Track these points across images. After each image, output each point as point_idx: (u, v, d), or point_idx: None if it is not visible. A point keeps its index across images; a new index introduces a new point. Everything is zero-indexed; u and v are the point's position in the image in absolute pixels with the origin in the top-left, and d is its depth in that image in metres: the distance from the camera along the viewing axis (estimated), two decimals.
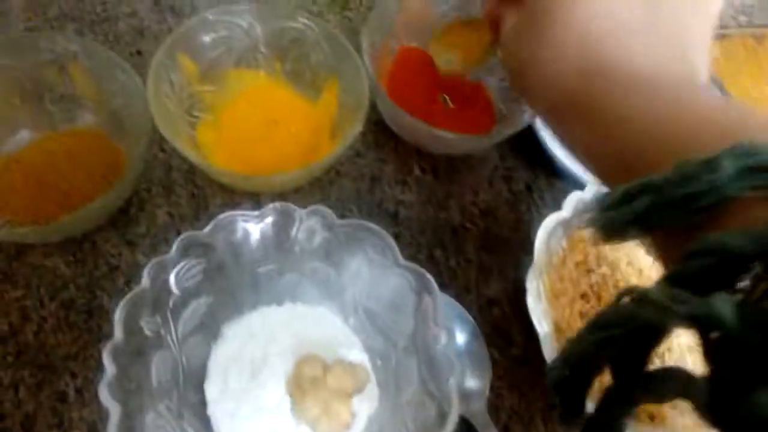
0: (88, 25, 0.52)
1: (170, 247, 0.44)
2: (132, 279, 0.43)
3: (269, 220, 0.38)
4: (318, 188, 0.49)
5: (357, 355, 0.41)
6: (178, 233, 0.45)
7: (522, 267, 0.47)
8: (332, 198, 0.49)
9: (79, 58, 0.41)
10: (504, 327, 0.45)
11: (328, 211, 0.39)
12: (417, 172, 0.51)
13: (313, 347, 0.40)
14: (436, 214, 0.49)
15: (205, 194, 0.47)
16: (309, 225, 0.39)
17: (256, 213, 0.38)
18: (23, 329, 0.40)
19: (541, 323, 0.38)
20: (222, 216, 0.37)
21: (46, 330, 0.40)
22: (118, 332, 0.33)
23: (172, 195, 0.46)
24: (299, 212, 0.39)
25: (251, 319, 0.41)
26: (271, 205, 0.38)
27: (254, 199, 0.47)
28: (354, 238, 0.39)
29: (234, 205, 0.47)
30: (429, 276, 0.37)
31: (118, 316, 0.33)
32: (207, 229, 0.36)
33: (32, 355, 0.39)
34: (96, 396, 0.39)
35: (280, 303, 0.42)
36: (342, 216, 0.48)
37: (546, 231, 0.41)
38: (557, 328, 0.40)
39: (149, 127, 0.39)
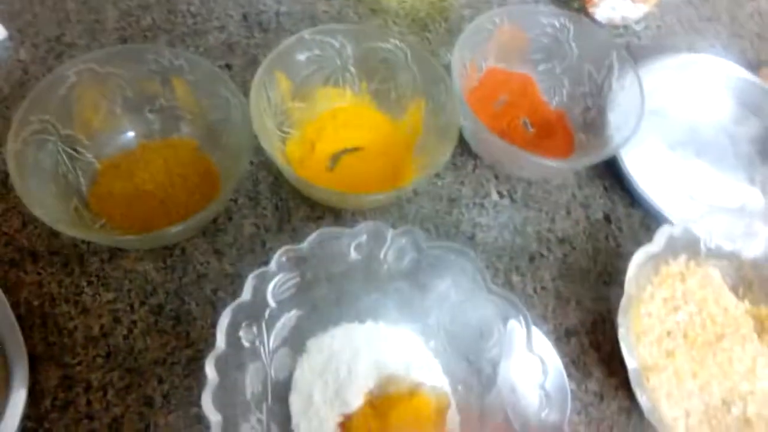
0: (179, 37, 0.54)
1: (256, 257, 0.45)
2: (219, 288, 0.43)
3: (363, 238, 0.39)
4: (396, 206, 0.49)
5: (437, 378, 0.41)
6: (263, 244, 0.46)
7: (601, 299, 0.47)
8: (410, 217, 0.49)
9: (184, 72, 0.43)
10: (582, 360, 0.45)
11: (419, 233, 0.39)
12: (494, 196, 0.51)
13: (394, 367, 0.40)
14: (513, 239, 0.49)
15: (288, 207, 0.47)
16: (399, 245, 0.40)
17: (350, 230, 0.38)
18: (113, 332, 0.41)
19: (631, 360, 0.38)
20: (320, 232, 0.37)
21: (135, 334, 0.41)
22: (221, 341, 0.33)
23: (258, 207, 0.47)
24: (391, 232, 0.39)
25: (335, 335, 0.41)
26: (364, 224, 0.39)
27: (335, 214, 0.48)
28: (443, 261, 0.39)
29: (316, 219, 0.47)
30: (520, 304, 0.37)
31: (221, 325, 0.34)
32: (305, 244, 0.37)
33: (121, 358, 0.40)
34: (182, 402, 0.40)
35: (362, 320, 0.42)
36: None
37: (636, 264, 0.40)
38: (644, 366, 0.40)
39: (249, 143, 0.40)
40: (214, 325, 0.42)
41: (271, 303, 0.37)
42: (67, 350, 0.40)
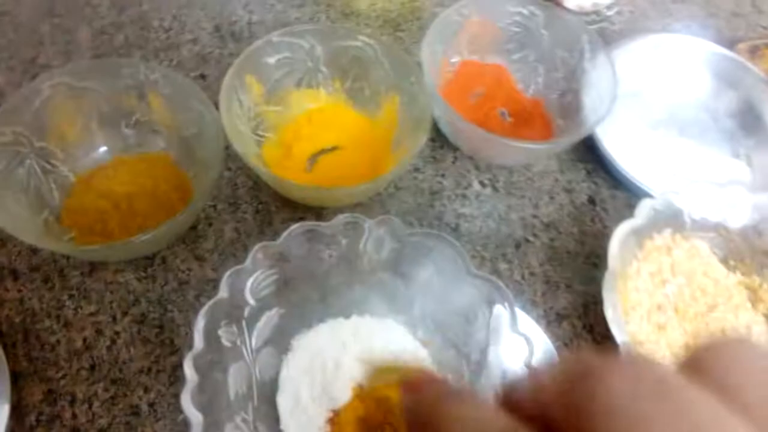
0: (152, 52, 0.55)
1: (238, 261, 0.45)
2: (202, 293, 0.43)
3: (339, 231, 0.39)
4: (378, 203, 0.49)
5: (426, 368, 0.40)
6: (245, 248, 0.46)
7: (591, 281, 0.46)
8: (392, 212, 0.49)
9: (159, 86, 0.43)
10: (575, 342, 0.44)
11: (396, 221, 0.39)
12: (476, 186, 0.51)
13: (382, 359, 0.40)
14: (498, 227, 0.49)
15: (269, 210, 0.47)
16: (378, 235, 0.39)
17: (326, 224, 0.38)
18: (97, 344, 0.41)
19: (620, 335, 0.37)
20: (294, 227, 0.37)
21: (119, 345, 0.41)
22: (199, 341, 0.33)
23: (238, 211, 0.47)
24: (368, 223, 0.39)
25: (320, 332, 0.41)
26: (340, 217, 0.38)
27: (317, 214, 0.48)
28: (423, 248, 0.39)
29: (297, 220, 0.47)
30: (503, 285, 0.37)
31: (198, 324, 0.33)
32: (280, 239, 0.37)
33: (106, 369, 0.40)
34: (169, 409, 0.39)
35: (347, 316, 0.42)
36: None
37: (619, 240, 0.40)
38: (634, 341, 0.39)
39: (222, 154, 0.40)
40: None
41: (251, 301, 0.37)
42: (50, 365, 0.40)
